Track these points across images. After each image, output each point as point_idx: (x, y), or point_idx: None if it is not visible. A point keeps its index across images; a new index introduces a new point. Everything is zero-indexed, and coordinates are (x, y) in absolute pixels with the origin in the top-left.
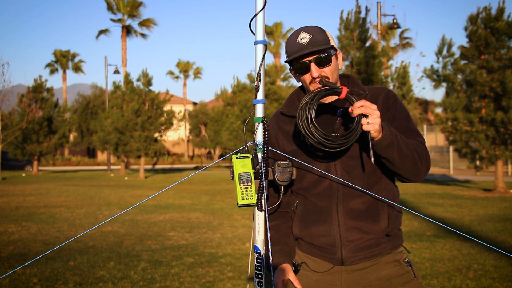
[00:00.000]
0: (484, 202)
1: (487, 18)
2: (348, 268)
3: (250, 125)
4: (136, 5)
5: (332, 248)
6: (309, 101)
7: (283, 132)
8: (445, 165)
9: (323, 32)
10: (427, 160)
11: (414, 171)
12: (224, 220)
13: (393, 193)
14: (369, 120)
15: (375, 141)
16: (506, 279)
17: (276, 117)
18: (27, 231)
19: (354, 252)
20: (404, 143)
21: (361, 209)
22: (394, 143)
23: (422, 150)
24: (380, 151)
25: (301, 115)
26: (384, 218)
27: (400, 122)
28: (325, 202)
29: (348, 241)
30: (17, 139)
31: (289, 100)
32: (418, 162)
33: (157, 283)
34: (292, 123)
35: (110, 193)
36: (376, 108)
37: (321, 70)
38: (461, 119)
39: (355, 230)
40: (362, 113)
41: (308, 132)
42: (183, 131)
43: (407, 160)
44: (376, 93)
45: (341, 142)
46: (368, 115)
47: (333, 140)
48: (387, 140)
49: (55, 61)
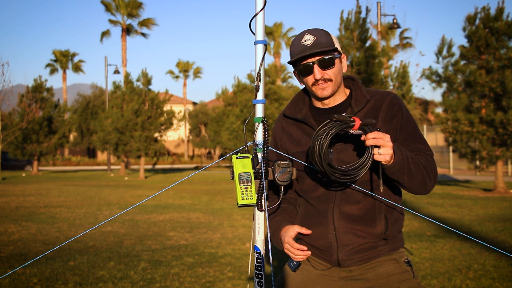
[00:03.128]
0: (484, 202)
1: (486, 18)
2: (346, 269)
3: (250, 125)
4: (136, 5)
5: (329, 250)
6: (323, 136)
7: (287, 134)
8: (445, 165)
9: (327, 35)
10: (435, 174)
11: (422, 188)
12: (224, 220)
13: (394, 198)
14: (381, 151)
15: (387, 166)
16: (506, 279)
17: (280, 119)
18: (27, 231)
19: (350, 255)
20: (414, 163)
21: (357, 215)
22: (405, 167)
23: (430, 165)
24: (391, 174)
25: (315, 153)
26: (381, 224)
27: (409, 132)
28: (322, 206)
29: (344, 245)
30: (17, 139)
31: (293, 102)
32: (427, 179)
33: (157, 283)
34: (295, 126)
35: (110, 193)
36: (389, 139)
37: (324, 72)
38: (462, 119)
39: (350, 235)
40: (375, 144)
41: (323, 169)
42: (183, 131)
43: (416, 180)
44: (380, 98)
45: (352, 176)
46: (380, 146)
47: (344, 172)
48: (398, 166)
49: (55, 61)
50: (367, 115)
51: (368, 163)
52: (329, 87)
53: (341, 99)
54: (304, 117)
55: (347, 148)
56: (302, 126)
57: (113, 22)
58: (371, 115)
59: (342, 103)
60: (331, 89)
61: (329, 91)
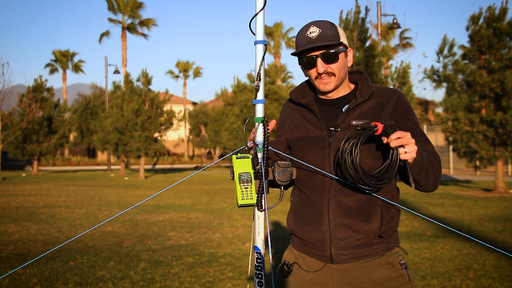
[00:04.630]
0: (484, 202)
1: (490, 18)
2: (338, 267)
3: (250, 125)
4: (136, 5)
5: (322, 244)
6: (354, 148)
7: (291, 119)
8: (445, 165)
9: (333, 28)
10: (441, 172)
11: (433, 186)
12: (224, 220)
13: (391, 194)
14: (406, 150)
15: (409, 164)
16: (506, 279)
17: (287, 101)
18: (27, 231)
19: (343, 250)
20: (429, 163)
21: (353, 206)
22: (423, 166)
23: (438, 164)
24: (411, 173)
25: (348, 167)
26: (376, 219)
27: (418, 133)
28: (318, 197)
29: (337, 239)
30: (17, 139)
31: (300, 88)
32: (438, 179)
33: (157, 283)
34: (297, 111)
35: (110, 193)
36: (410, 136)
37: (327, 66)
38: (462, 119)
39: (345, 228)
40: (400, 144)
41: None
42: (183, 131)
43: (430, 178)
44: (387, 94)
45: (386, 179)
46: (404, 145)
47: (378, 178)
48: (418, 165)
49: (55, 61)
50: (372, 108)
51: (396, 164)
52: (332, 81)
53: (345, 92)
54: (308, 103)
55: (364, 152)
56: (304, 112)
57: (114, 22)
58: (376, 110)
59: (346, 95)
60: (333, 83)
61: (331, 85)
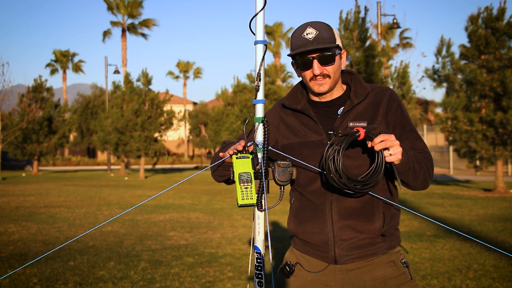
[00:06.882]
0: (484, 202)
1: (488, 18)
2: (342, 267)
3: (250, 125)
4: (136, 5)
5: (325, 246)
6: (335, 155)
7: (284, 124)
8: (445, 165)
9: (330, 30)
10: (433, 169)
11: (423, 185)
12: (224, 220)
13: (391, 194)
14: (391, 152)
15: (395, 166)
16: (506, 279)
17: (278, 107)
18: (27, 231)
19: (347, 251)
20: (417, 162)
21: (355, 207)
22: (410, 167)
23: (429, 162)
24: (398, 175)
25: (331, 173)
26: (379, 218)
27: (410, 130)
28: (319, 200)
29: (341, 240)
30: (17, 139)
31: (291, 94)
32: (428, 177)
33: (157, 283)
34: (293, 116)
35: (110, 193)
36: (394, 138)
37: (323, 68)
38: (461, 118)
39: (348, 229)
40: (384, 147)
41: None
42: (183, 131)
43: (419, 178)
44: (380, 92)
45: (372, 183)
46: (389, 148)
47: (364, 182)
48: (405, 166)
49: (55, 61)
50: (367, 108)
51: (382, 167)
52: (327, 83)
53: (338, 94)
54: (303, 108)
55: (350, 156)
56: (301, 117)
57: (114, 22)
58: (371, 110)
59: (340, 97)
60: (328, 85)
61: (326, 87)
